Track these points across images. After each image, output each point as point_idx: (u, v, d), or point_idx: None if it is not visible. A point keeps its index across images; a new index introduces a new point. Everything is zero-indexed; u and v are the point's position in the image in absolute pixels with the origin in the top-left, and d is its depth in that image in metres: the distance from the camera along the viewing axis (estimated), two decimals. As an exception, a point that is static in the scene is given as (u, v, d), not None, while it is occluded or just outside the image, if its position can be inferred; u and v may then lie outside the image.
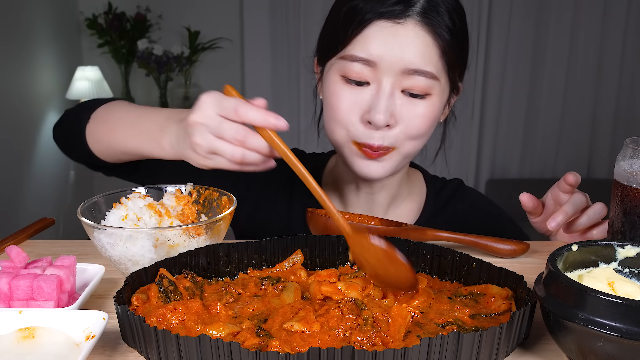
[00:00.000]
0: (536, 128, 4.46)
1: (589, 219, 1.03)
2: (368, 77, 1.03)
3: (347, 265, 0.90)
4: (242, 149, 0.83)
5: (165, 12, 4.22)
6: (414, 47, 1.00)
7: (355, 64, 1.03)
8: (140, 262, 0.87)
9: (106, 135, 1.10)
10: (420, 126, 1.05)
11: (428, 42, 1.01)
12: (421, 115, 1.04)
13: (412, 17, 1.00)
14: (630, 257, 0.75)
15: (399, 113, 1.04)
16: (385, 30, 1.01)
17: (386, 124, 1.02)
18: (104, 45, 4.14)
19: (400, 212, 1.26)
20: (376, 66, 1.01)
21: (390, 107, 1.02)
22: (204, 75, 4.41)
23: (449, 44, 1.03)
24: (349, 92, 1.04)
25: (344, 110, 1.05)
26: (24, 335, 0.71)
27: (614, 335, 0.60)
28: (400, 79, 1.02)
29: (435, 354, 0.61)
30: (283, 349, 0.64)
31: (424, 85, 1.02)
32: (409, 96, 1.04)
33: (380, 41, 1.01)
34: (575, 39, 4.26)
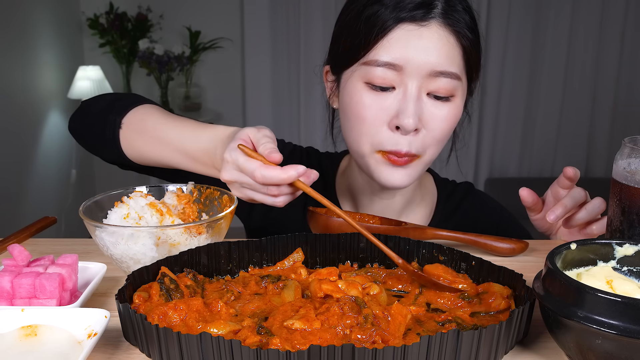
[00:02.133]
0: (534, 127, 4.46)
1: (587, 213, 1.04)
2: (393, 82, 1.02)
3: (347, 264, 0.91)
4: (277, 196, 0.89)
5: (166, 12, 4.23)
6: (440, 48, 1.00)
7: (379, 69, 1.01)
8: (142, 261, 0.87)
9: (146, 148, 1.08)
10: (445, 129, 1.05)
11: (452, 43, 1.01)
12: (446, 118, 1.04)
13: (435, 18, 1.00)
14: (628, 255, 0.75)
15: (426, 117, 1.03)
16: (410, 34, 1.00)
17: (415, 127, 1.01)
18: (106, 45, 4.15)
19: (414, 217, 1.25)
20: (402, 70, 1.00)
21: (418, 111, 1.01)
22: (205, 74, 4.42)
23: (472, 42, 1.03)
24: (374, 99, 1.03)
25: (370, 118, 1.03)
26: (27, 333, 0.71)
27: (612, 333, 0.60)
28: (426, 82, 1.01)
29: (435, 351, 0.61)
30: (284, 347, 0.64)
31: (449, 87, 1.02)
32: (435, 99, 1.03)
33: (405, 44, 1.00)
34: (574, 38, 4.27)
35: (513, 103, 4.41)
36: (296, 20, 4.26)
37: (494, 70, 4.35)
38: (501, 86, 4.39)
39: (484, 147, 4.47)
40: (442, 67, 1.00)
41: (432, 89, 1.02)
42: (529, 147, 4.50)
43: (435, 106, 1.03)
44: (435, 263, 0.87)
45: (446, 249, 0.86)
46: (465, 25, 1.02)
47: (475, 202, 1.29)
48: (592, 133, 4.47)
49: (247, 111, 4.45)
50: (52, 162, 3.84)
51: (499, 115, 4.44)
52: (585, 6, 4.20)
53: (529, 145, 4.50)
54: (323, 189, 1.27)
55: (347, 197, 1.26)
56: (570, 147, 4.46)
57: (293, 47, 4.32)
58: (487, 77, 4.37)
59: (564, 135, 4.44)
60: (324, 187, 1.27)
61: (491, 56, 4.32)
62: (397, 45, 1.00)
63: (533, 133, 4.47)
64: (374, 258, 0.90)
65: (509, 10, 4.24)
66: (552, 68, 4.33)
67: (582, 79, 4.35)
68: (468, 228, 1.20)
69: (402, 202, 1.22)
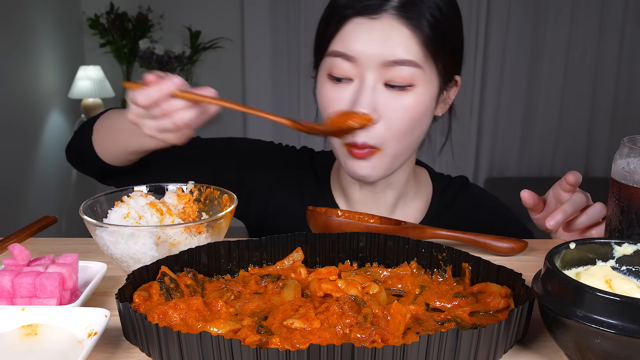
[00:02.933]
0: (534, 127, 4.46)
1: (588, 218, 1.03)
2: (350, 73, 1.04)
3: (347, 263, 0.91)
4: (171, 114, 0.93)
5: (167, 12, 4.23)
6: (392, 39, 1.02)
7: (338, 60, 1.04)
8: (142, 260, 0.87)
9: (111, 142, 1.15)
10: (404, 119, 1.05)
11: (405, 34, 1.02)
12: (404, 108, 1.04)
13: (388, 11, 1.02)
14: (627, 254, 0.76)
15: (382, 108, 1.04)
16: (361, 27, 1.03)
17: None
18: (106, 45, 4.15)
19: (409, 211, 1.25)
20: (356, 61, 1.03)
21: (372, 102, 1.03)
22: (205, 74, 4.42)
23: (432, 35, 1.03)
24: (335, 91, 1.06)
25: (331, 109, 1.06)
26: (27, 332, 0.71)
27: (611, 332, 0.60)
28: (382, 72, 1.03)
29: (434, 351, 0.61)
30: (283, 346, 0.64)
31: (405, 75, 1.03)
32: (392, 89, 1.04)
33: (356, 37, 1.03)
34: (573, 37, 4.27)
35: (513, 103, 4.41)
36: (296, 20, 4.26)
37: (493, 70, 4.35)
38: (501, 86, 4.39)
39: (484, 146, 4.47)
40: (394, 56, 1.01)
41: (388, 78, 1.03)
42: (529, 147, 4.50)
43: (393, 96, 1.04)
44: None
45: (445, 248, 0.86)
46: (425, 19, 1.03)
47: (471, 196, 1.30)
48: (592, 132, 4.47)
49: (247, 111, 4.45)
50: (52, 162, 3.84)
51: (499, 115, 4.44)
52: (584, 7, 4.20)
53: (528, 145, 4.50)
54: (317, 187, 1.28)
55: (340, 194, 1.27)
56: (569, 146, 4.46)
57: (293, 47, 4.32)
58: (487, 77, 4.37)
59: (564, 135, 4.44)
60: (317, 185, 1.28)
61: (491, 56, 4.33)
62: (349, 37, 1.03)
63: (533, 133, 4.47)
64: (374, 257, 0.90)
65: (509, 11, 4.25)
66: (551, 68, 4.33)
67: (581, 79, 4.35)
68: (465, 222, 1.21)
69: (394, 195, 1.23)
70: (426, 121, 1.10)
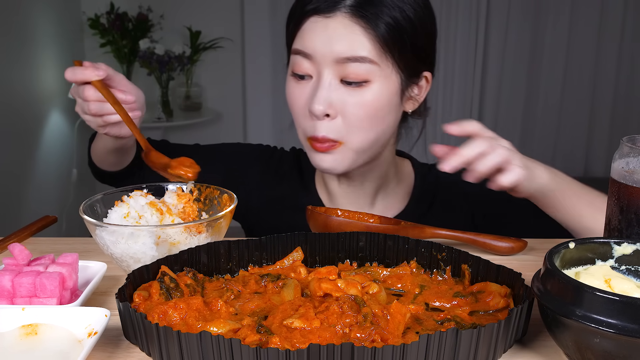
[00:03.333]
0: (534, 127, 4.46)
1: (485, 164, 0.93)
2: (309, 70, 1.08)
3: (347, 263, 0.91)
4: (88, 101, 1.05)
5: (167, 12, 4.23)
6: (343, 37, 1.04)
7: (298, 57, 1.09)
8: (142, 260, 0.88)
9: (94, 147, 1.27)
10: (361, 115, 1.07)
11: (357, 31, 1.04)
12: (361, 104, 1.07)
13: (341, 10, 1.05)
14: (626, 254, 0.76)
15: (339, 103, 1.07)
16: (317, 25, 1.06)
17: (324, 113, 1.06)
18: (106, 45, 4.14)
19: (390, 200, 1.27)
20: (313, 59, 1.07)
21: (328, 97, 1.06)
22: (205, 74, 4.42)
23: (389, 33, 1.05)
24: (297, 87, 1.10)
25: (296, 106, 1.11)
26: (27, 332, 0.71)
27: (610, 331, 0.60)
28: (338, 69, 1.06)
29: (434, 350, 0.62)
30: (283, 346, 0.64)
31: (360, 72, 1.05)
32: (348, 85, 1.06)
33: (312, 35, 1.06)
34: (573, 37, 4.27)
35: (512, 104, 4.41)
36: (296, 20, 4.26)
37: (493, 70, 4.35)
38: (500, 87, 4.39)
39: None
40: (347, 53, 1.04)
41: (343, 75, 1.06)
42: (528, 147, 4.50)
43: (349, 92, 1.07)
44: None
45: (445, 248, 0.86)
46: (381, 17, 1.04)
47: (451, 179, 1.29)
48: (591, 133, 4.47)
49: (248, 111, 4.45)
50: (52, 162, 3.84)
51: (498, 114, 4.44)
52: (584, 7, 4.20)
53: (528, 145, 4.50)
54: (302, 186, 1.31)
55: (323, 189, 1.29)
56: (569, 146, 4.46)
57: (293, 47, 4.32)
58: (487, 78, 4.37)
59: (563, 135, 4.45)
60: (302, 184, 1.31)
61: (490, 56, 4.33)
62: (306, 36, 1.07)
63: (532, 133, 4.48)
64: (373, 257, 0.91)
65: (508, 12, 4.25)
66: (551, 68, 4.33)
67: (580, 79, 4.35)
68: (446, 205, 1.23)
69: (372, 187, 1.24)
70: (391, 116, 1.12)
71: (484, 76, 4.37)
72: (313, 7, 1.07)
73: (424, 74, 1.15)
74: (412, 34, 1.08)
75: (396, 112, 1.13)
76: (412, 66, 1.11)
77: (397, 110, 1.13)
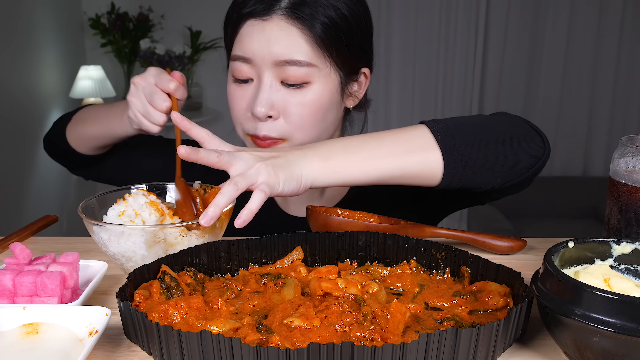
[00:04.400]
0: (533, 127, 4.46)
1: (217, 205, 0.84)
2: (249, 74, 1.09)
3: (347, 262, 0.91)
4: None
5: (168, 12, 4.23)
6: (280, 39, 1.05)
7: (237, 63, 1.09)
8: (133, 259, 0.88)
9: (82, 128, 1.24)
10: (303, 114, 1.08)
11: (294, 33, 1.05)
12: (302, 104, 1.08)
13: (276, 12, 1.05)
14: (625, 253, 0.76)
15: (281, 104, 1.08)
16: (254, 28, 1.07)
17: (267, 115, 1.07)
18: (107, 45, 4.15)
19: (333, 191, 1.26)
20: (252, 62, 1.07)
21: (269, 100, 1.07)
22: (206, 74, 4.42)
23: (326, 33, 1.05)
24: (238, 91, 1.12)
25: (237, 108, 1.12)
26: (28, 331, 0.72)
27: (609, 330, 0.60)
28: (277, 71, 1.07)
29: (434, 349, 0.62)
30: (283, 345, 0.64)
31: (298, 74, 1.06)
32: (289, 87, 1.07)
33: (250, 39, 1.07)
34: (572, 37, 4.27)
35: (512, 103, 4.41)
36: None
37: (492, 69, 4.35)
38: (500, 86, 4.39)
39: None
40: (285, 56, 1.05)
41: (283, 77, 1.07)
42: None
43: (289, 93, 1.08)
44: None
45: (445, 247, 0.86)
46: (316, 18, 1.05)
47: None
48: (590, 132, 4.47)
49: (248, 110, 4.46)
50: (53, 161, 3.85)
51: (499, 114, 4.44)
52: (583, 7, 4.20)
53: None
54: None
55: None
56: (568, 145, 4.46)
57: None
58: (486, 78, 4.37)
59: (563, 135, 4.44)
60: None
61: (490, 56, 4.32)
62: (244, 40, 1.08)
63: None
64: (373, 256, 0.91)
65: (508, 12, 4.24)
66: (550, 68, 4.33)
67: (580, 79, 4.35)
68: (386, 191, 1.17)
69: None
70: (332, 114, 1.13)
71: (484, 75, 4.37)
72: (249, 10, 1.07)
73: (362, 70, 1.16)
74: (348, 32, 1.08)
75: (337, 109, 1.14)
76: (350, 64, 1.12)
77: (338, 107, 1.14)
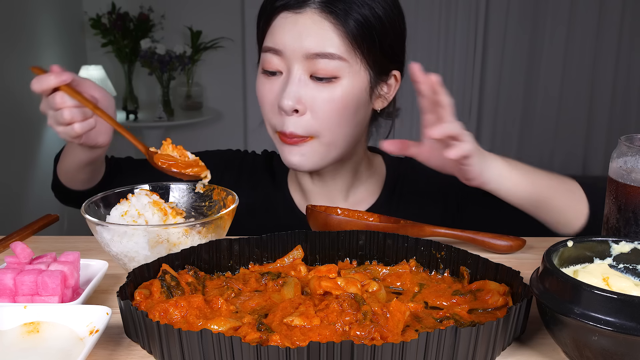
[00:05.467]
0: (532, 126, 4.46)
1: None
2: (279, 66, 1.09)
3: (347, 261, 0.91)
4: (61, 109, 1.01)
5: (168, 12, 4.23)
6: (312, 32, 1.05)
7: (268, 55, 1.09)
8: (136, 259, 0.88)
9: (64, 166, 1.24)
10: (331, 110, 1.07)
11: (327, 27, 1.05)
12: (330, 100, 1.07)
13: (310, 6, 1.06)
14: (624, 253, 0.76)
15: (309, 100, 1.07)
16: (287, 21, 1.07)
17: (293, 109, 1.06)
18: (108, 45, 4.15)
19: (361, 195, 1.27)
20: (283, 54, 1.07)
21: (297, 93, 1.06)
22: (206, 74, 4.42)
23: (359, 30, 1.05)
24: (267, 83, 1.11)
25: (266, 102, 1.12)
26: (29, 329, 0.72)
27: (608, 329, 0.61)
28: (307, 65, 1.06)
29: (433, 348, 0.62)
30: (283, 343, 0.65)
31: (329, 68, 1.05)
32: (318, 81, 1.07)
33: (282, 31, 1.07)
34: (571, 37, 4.27)
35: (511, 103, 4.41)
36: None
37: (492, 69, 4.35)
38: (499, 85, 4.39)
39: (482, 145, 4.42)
40: (316, 49, 1.05)
41: (313, 71, 1.06)
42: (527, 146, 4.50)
43: (317, 88, 1.07)
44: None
45: (444, 246, 0.87)
46: (350, 14, 1.05)
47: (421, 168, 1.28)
48: (590, 132, 4.47)
49: (248, 110, 4.46)
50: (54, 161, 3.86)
51: (497, 114, 4.44)
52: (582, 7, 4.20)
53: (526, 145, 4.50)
54: (273, 186, 1.31)
55: (297, 188, 1.29)
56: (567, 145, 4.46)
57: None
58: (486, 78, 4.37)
59: (562, 134, 4.45)
60: (273, 184, 1.31)
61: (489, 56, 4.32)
62: (276, 32, 1.08)
63: (531, 132, 4.47)
64: (373, 255, 0.91)
65: (507, 12, 4.24)
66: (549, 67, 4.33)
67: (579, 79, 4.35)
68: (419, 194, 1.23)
69: (345, 183, 1.24)
70: (360, 113, 1.12)
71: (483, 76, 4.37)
72: (283, 3, 1.07)
73: (393, 73, 1.15)
74: (381, 32, 1.08)
75: (365, 109, 1.13)
76: (381, 64, 1.11)
77: (366, 107, 1.13)
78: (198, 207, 1.05)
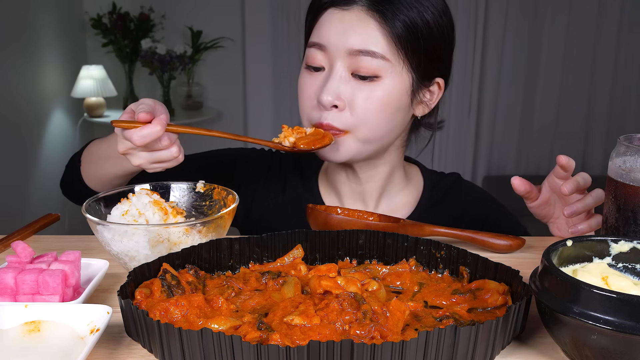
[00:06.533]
0: (532, 125, 4.46)
1: (593, 199, 1.04)
2: (322, 62, 1.10)
3: (347, 260, 0.92)
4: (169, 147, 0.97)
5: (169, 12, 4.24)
6: (358, 29, 1.06)
7: (312, 50, 1.11)
8: (137, 258, 0.88)
9: (95, 171, 1.20)
10: (369, 109, 1.08)
11: (372, 26, 1.06)
12: (369, 98, 1.08)
13: (358, 4, 1.07)
14: (623, 252, 0.76)
15: (348, 96, 1.08)
16: (334, 17, 1.08)
17: (332, 104, 1.07)
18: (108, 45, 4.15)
19: (395, 204, 1.27)
20: (326, 50, 1.08)
21: (337, 89, 1.07)
22: (206, 74, 4.43)
23: (404, 32, 1.06)
24: (309, 78, 1.12)
25: (306, 96, 1.12)
26: (30, 328, 0.72)
27: (607, 328, 0.61)
28: (350, 61, 1.07)
29: (433, 347, 0.62)
30: (283, 343, 0.65)
31: (371, 66, 1.06)
32: (359, 79, 1.07)
33: (328, 27, 1.08)
34: (570, 37, 4.27)
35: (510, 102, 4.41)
36: (297, 20, 4.26)
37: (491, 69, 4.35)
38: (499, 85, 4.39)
39: (482, 145, 4.47)
40: (359, 46, 1.06)
41: (355, 68, 1.07)
42: (527, 146, 4.50)
43: (359, 86, 1.08)
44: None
45: (444, 246, 0.87)
46: (397, 15, 1.06)
47: (463, 192, 1.30)
48: (589, 131, 4.47)
49: (248, 110, 4.46)
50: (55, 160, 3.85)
51: (497, 113, 4.44)
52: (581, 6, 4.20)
53: (526, 144, 4.50)
54: (302, 186, 1.31)
55: (329, 190, 1.29)
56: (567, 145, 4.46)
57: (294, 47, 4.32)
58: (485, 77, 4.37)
59: (561, 134, 4.44)
60: (302, 183, 1.31)
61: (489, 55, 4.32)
62: (322, 27, 1.10)
63: (530, 131, 4.47)
64: (373, 255, 0.91)
65: (507, 11, 4.24)
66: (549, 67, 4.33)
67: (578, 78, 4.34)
68: (455, 217, 1.23)
69: (376, 187, 1.24)
70: (399, 115, 1.12)
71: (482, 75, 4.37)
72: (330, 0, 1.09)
73: (436, 80, 1.15)
74: (427, 37, 1.08)
75: (405, 112, 1.13)
76: (425, 68, 1.11)
77: (406, 110, 1.13)
78: (198, 206, 1.05)
